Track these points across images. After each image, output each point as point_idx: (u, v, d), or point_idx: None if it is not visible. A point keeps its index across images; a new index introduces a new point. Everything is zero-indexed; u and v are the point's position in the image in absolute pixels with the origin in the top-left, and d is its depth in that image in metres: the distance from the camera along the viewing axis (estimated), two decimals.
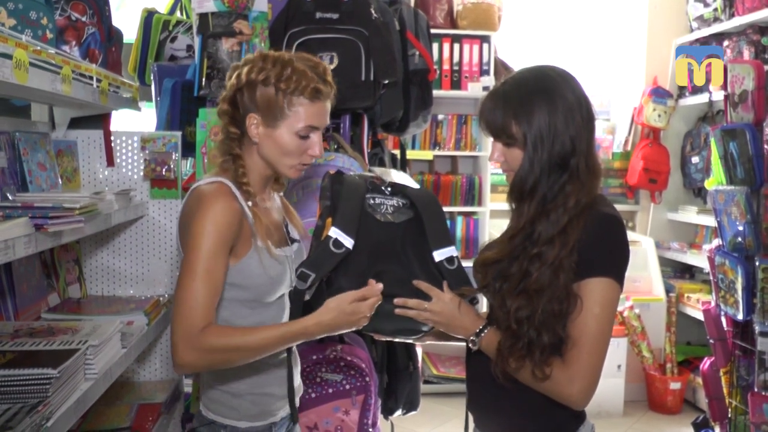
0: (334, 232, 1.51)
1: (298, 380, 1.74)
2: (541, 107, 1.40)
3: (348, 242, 1.51)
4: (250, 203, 1.55)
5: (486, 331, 1.48)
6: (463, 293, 1.52)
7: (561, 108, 1.40)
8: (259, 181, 1.62)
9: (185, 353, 1.42)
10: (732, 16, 3.97)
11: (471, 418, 1.61)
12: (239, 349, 1.46)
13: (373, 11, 2.39)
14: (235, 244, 1.51)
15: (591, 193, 1.42)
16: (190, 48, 2.90)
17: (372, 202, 1.59)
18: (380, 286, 1.50)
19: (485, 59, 4.42)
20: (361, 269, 1.53)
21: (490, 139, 1.51)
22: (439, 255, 1.54)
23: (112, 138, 2.36)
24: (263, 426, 1.64)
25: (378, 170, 1.69)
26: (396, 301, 1.51)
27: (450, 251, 1.54)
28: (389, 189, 1.61)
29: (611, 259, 1.41)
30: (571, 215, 1.39)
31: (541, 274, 1.38)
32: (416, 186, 1.72)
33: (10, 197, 1.75)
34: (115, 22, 2.38)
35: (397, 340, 1.69)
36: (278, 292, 1.62)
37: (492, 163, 1.22)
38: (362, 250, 1.53)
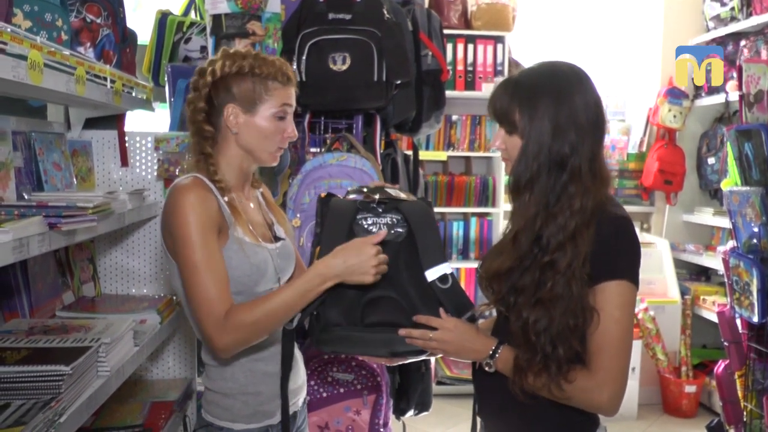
0: None
1: (297, 382, 1.71)
2: (546, 103, 1.40)
3: None
4: (226, 198, 1.57)
5: (500, 350, 1.43)
6: (471, 317, 1.47)
7: (566, 107, 1.39)
8: (238, 176, 1.64)
9: (220, 339, 1.47)
10: (750, 15, 3.92)
11: (480, 423, 1.59)
12: (267, 316, 1.48)
13: (385, 12, 2.39)
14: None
15: (596, 197, 1.40)
16: (203, 49, 2.92)
17: (364, 223, 1.54)
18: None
19: (499, 60, 4.41)
20: (351, 299, 1.49)
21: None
22: (431, 274, 1.46)
23: (126, 138, 2.39)
24: (259, 428, 1.61)
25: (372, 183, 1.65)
26: (401, 332, 1.46)
27: (443, 269, 1.47)
28: (381, 207, 1.54)
29: (625, 261, 1.39)
30: (578, 220, 1.37)
31: (555, 283, 1.36)
32: (412, 199, 1.63)
33: (25, 196, 1.78)
34: (132, 23, 2.41)
35: (408, 361, 1.62)
36: (263, 281, 1.60)
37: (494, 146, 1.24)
38: None
